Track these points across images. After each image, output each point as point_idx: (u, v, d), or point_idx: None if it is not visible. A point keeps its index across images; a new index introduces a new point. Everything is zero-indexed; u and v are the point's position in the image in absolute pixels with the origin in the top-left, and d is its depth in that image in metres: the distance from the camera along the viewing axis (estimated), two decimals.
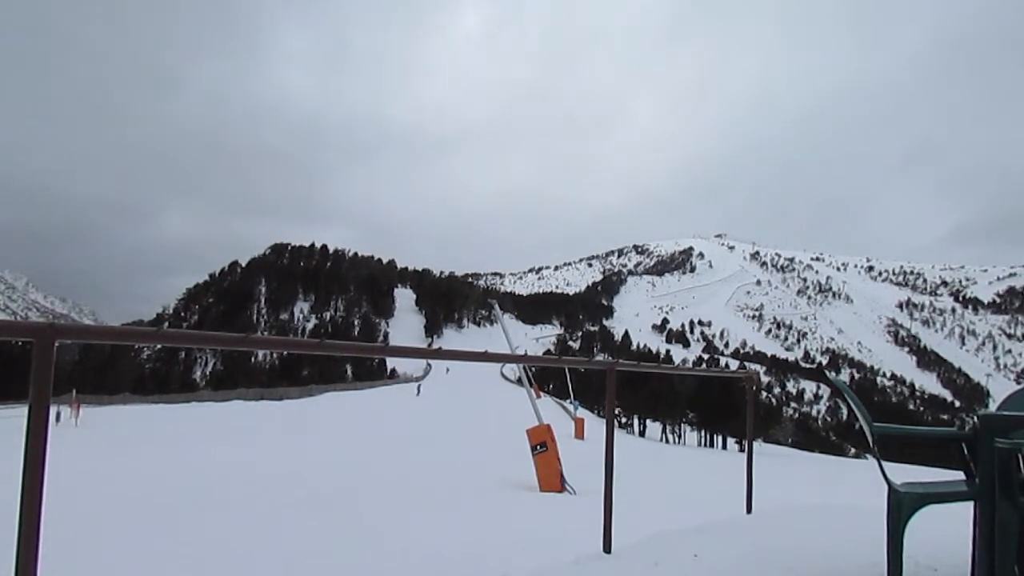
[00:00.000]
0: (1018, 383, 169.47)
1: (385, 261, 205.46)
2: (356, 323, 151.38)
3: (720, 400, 45.42)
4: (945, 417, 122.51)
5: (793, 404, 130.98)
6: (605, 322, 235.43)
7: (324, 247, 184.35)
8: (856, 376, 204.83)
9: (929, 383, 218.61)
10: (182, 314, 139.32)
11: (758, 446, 24.92)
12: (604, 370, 4.37)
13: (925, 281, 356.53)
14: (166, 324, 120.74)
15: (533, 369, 48.18)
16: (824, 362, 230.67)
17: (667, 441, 49.86)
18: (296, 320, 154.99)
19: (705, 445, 48.23)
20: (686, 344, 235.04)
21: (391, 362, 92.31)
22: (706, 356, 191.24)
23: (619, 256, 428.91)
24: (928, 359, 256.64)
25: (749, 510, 5.58)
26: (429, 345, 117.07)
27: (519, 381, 46.99)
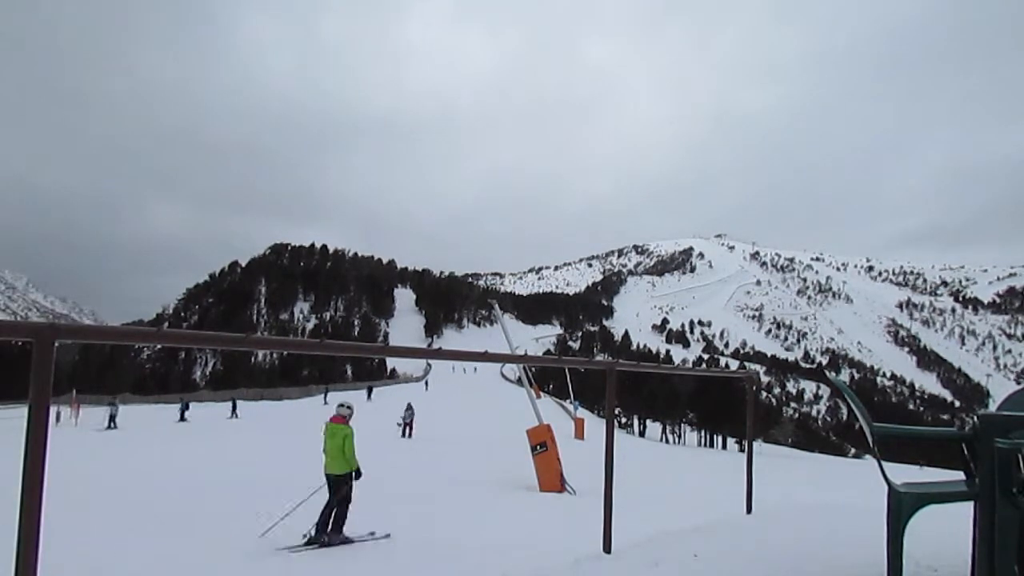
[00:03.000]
0: (1018, 383, 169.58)
1: (385, 261, 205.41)
2: (356, 323, 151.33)
3: (720, 400, 45.40)
4: (945, 417, 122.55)
5: (793, 404, 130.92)
6: (605, 322, 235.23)
7: (324, 247, 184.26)
8: (856, 376, 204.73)
9: (929, 383, 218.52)
10: (182, 314, 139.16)
11: (758, 446, 24.91)
12: (604, 370, 4.38)
13: (925, 281, 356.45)
14: (166, 324, 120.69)
15: (533, 369, 48.17)
16: (824, 362, 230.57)
17: (667, 441, 49.82)
18: (296, 320, 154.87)
19: (705, 445, 48.21)
20: (686, 344, 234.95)
21: (391, 362, 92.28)
22: (706, 356, 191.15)
23: (619, 256, 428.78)
24: (928, 359, 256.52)
25: (749, 510, 5.59)
26: (429, 345, 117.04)
27: (519, 381, 46.98)
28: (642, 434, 52.15)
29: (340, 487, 6.56)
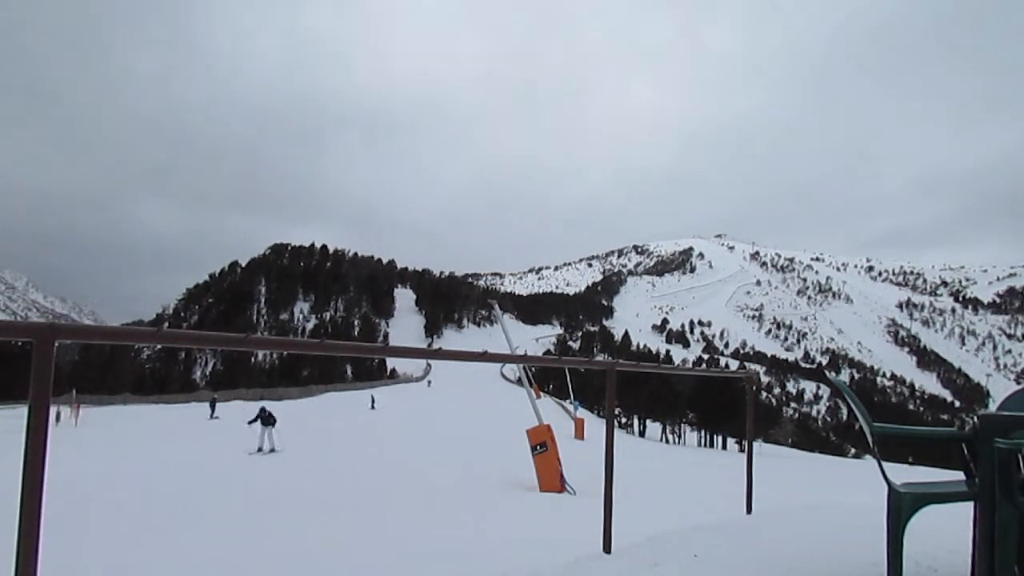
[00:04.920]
0: (1018, 383, 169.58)
1: (385, 261, 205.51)
2: (356, 323, 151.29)
3: (720, 400, 45.38)
4: (945, 417, 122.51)
5: (793, 404, 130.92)
6: (605, 322, 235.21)
7: (324, 247, 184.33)
8: (856, 376, 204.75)
9: (929, 383, 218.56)
10: (182, 314, 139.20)
11: (758, 446, 24.88)
12: (604, 370, 4.38)
13: (925, 281, 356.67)
14: (166, 324, 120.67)
15: (533, 369, 48.16)
16: (824, 362, 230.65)
17: (667, 441, 49.83)
18: (296, 320, 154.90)
19: (705, 445, 48.19)
20: (686, 344, 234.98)
21: (391, 362, 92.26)
22: (706, 356, 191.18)
23: (619, 256, 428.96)
24: (928, 359, 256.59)
25: (749, 510, 5.59)
26: (429, 345, 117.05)
27: (519, 381, 46.99)
28: (642, 434, 52.13)
29: None
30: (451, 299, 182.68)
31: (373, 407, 36.70)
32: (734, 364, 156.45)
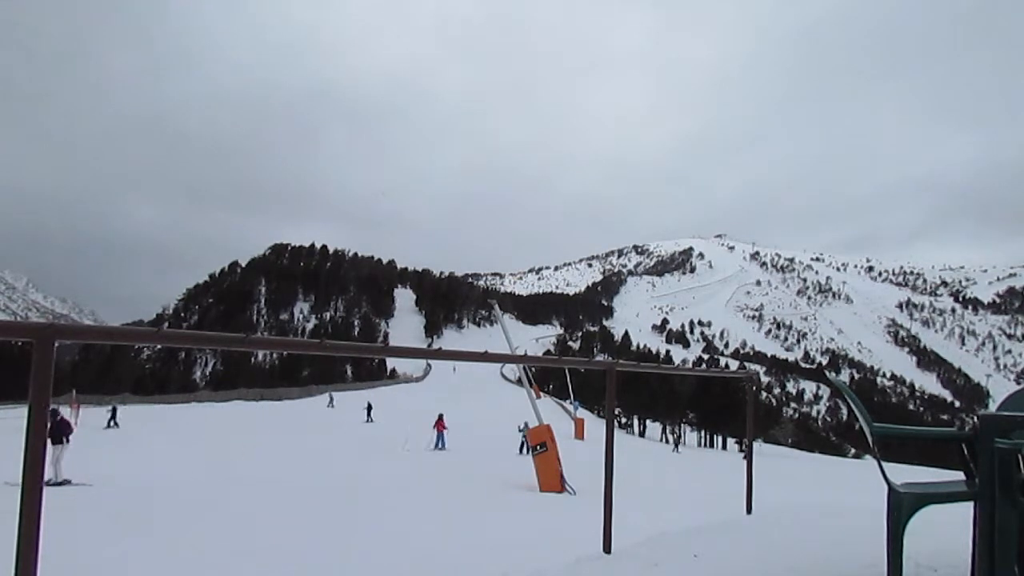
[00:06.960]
0: (1018, 383, 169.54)
1: (385, 261, 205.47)
2: (356, 323, 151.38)
3: (720, 400, 45.42)
4: (945, 417, 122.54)
5: (793, 404, 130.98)
6: (605, 322, 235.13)
7: (324, 247, 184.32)
8: (856, 376, 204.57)
9: (929, 383, 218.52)
10: (182, 314, 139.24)
11: (758, 446, 24.89)
12: (604, 370, 4.38)
13: (925, 281, 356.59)
14: (166, 324, 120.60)
15: (533, 369, 48.16)
16: (824, 362, 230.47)
17: (667, 441, 49.84)
18: (296, 320, 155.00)
19: (705, 445, 48.24)
20: (686, 344, 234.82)
21: (391, 362, 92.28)
22: (706, 356, 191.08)
23: (619, 256, 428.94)
24: (928, 359, 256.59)
25: (749, 510, 5.59)
26: (429, 345, 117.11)
27: (519, 381, 46.99)
28: (642, 434, 52.16)
29: None
30: (451, 299, 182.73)
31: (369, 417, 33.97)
32: (734, 364, 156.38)
